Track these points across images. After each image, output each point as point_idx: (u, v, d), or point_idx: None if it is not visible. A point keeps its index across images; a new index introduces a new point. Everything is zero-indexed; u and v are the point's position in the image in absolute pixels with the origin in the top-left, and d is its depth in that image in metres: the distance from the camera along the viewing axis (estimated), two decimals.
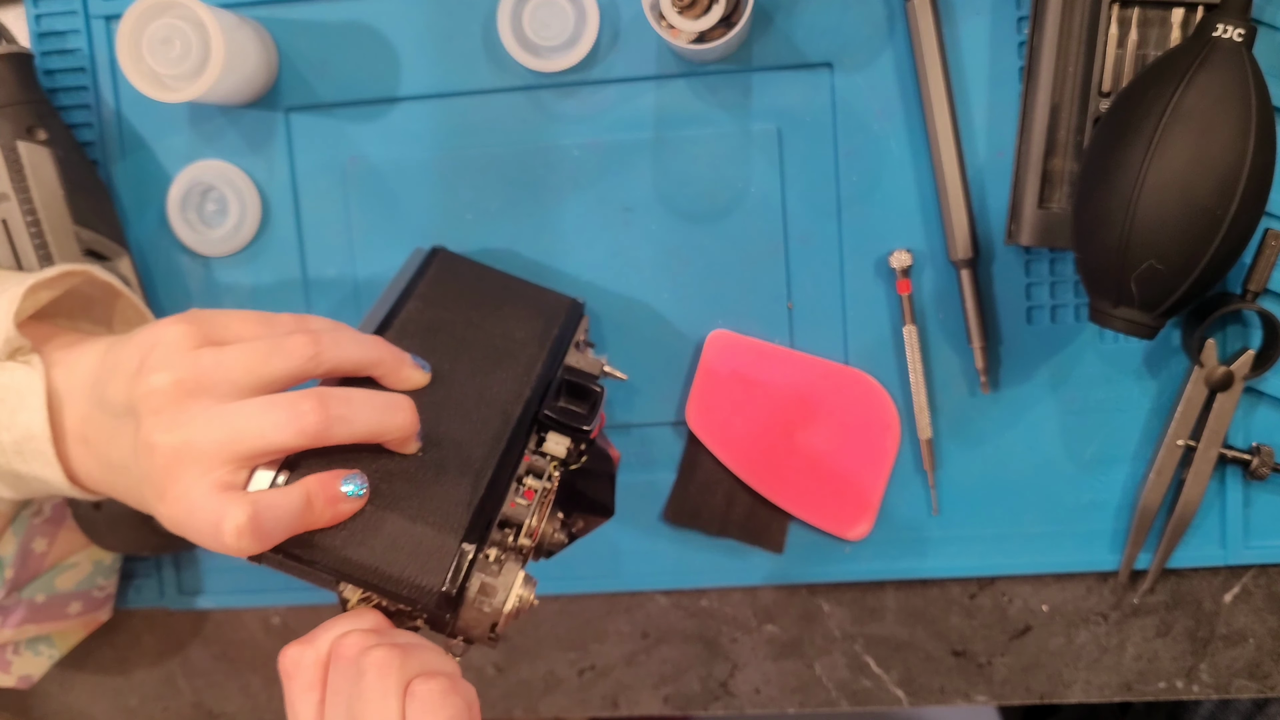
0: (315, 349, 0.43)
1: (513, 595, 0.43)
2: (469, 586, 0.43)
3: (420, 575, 0.42)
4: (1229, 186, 0.48)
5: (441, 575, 0.42)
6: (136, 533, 0.60)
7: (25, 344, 0.47)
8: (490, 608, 0.43)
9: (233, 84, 0.57)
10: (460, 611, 0.43)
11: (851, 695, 0.65)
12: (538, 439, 0.49)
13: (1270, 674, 0.62)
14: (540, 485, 0.47)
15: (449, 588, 0.42)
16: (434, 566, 0.42)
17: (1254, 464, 0.59)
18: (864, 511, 0.62)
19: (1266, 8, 0.56)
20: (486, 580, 0.43)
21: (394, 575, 0.42)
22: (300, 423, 0.41)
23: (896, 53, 0.59)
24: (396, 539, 0.43)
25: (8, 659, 0.62)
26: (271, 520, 0.41)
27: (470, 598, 0.43)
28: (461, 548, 0.43)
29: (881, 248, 0.60)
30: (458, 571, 0.42)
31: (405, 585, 0.42)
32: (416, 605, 0.42)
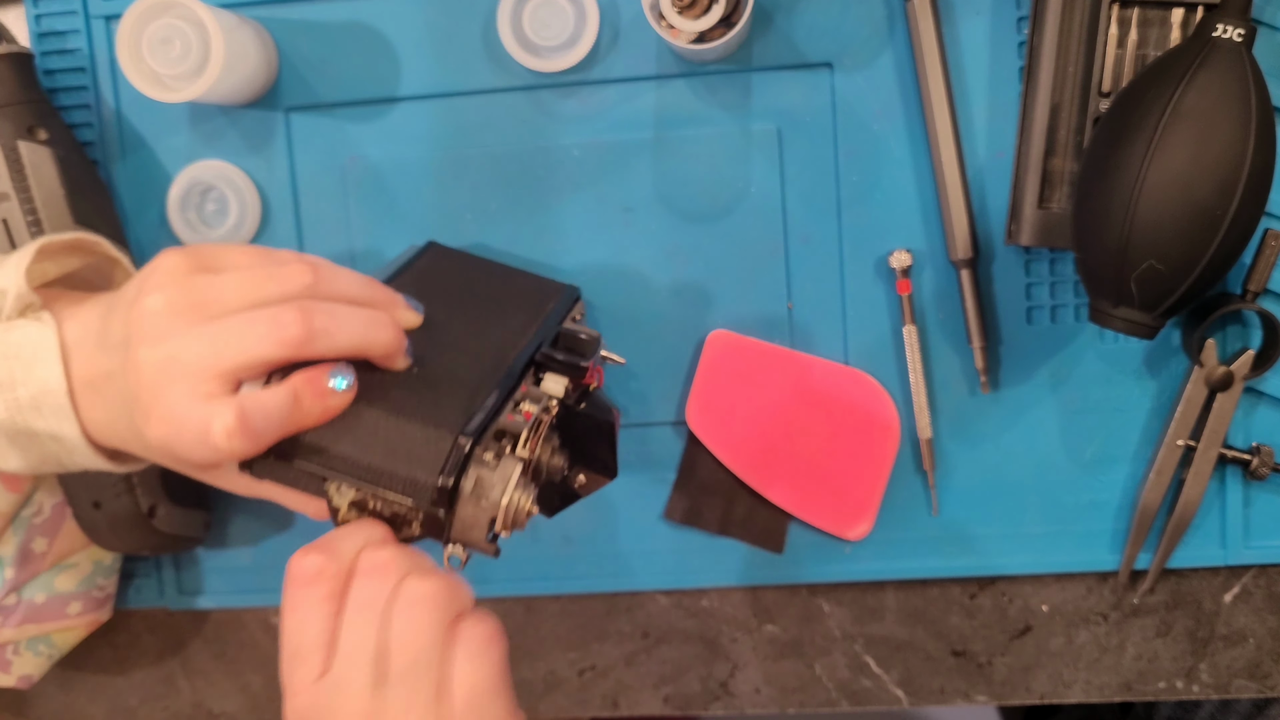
0: (312, 278, 0.43)
1: (510, 489, 0.42)
2: (465, 481, 0.42)
3: (416, 469, 0.42)
4: (1229, 186, 0.48)
5: (437, 467, 0.41)
6: (136, 533, 0.60)
7: (36, 301, 0.47)
8: (487, 502, 0.42)
9: (233, 84, 0.57)
10: (457, 508, 0.42)
11: (851, 695, 0.65)
12: (535, 380, 0.49)
13: (1270, 674, 0.62)
14: (538, 409, 0.46)
15: (444, 480, 0.41)
16: (430, 460, 0.42)
17: (1254, 464, 0.59)
18: (864, 511, 0.62)
19: (1266, 8, 0.56)
20: (483, 474, 0.42)
21: (390, 470, 0.42)
22: (283, 334, 0.41)
23: (896, 53, 0.59)
24: (392, 437, 0.42)
25: (8, 659, 0.62)
26: (260, 419, 0.41)
27: (466, 492, 0.42)
28: (457, 441, 0.42)
29: (881, 248, 0.60)
30: (453, 463, 0.42)
31: (401, 480, 0.42)
32: (410, 504, 0.42)
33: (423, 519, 0.43)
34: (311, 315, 0.42)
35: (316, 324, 0.42)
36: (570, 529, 0.64)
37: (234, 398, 0.41)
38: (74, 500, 0.60)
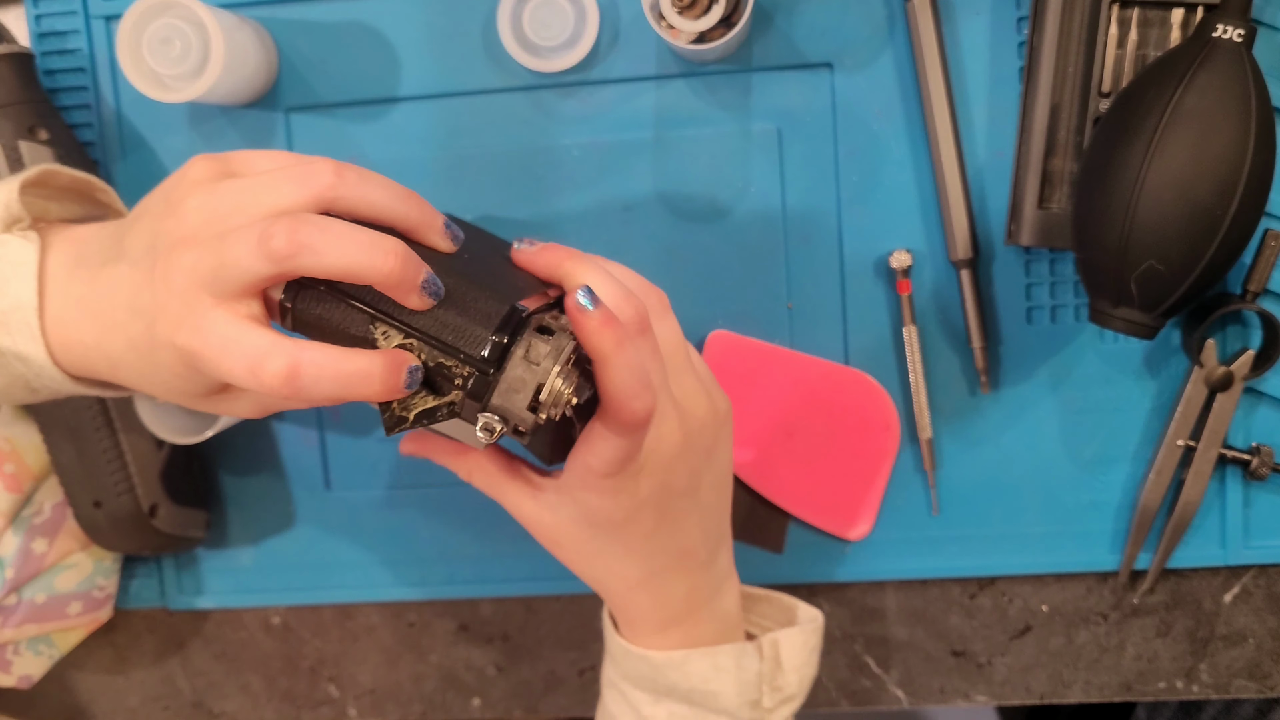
0: (332, 178, 0.41)
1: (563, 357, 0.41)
2: (518, 346, 0.41)
3: (473, 323, 0.41)
4: (1229, 186, 0.48)
5: (493, 324, 0.41)
6: (137, 532, 0.60)
7: (25, 218, 0.46)
8: (540, 367, 0.41)
9: (233, 84, 0.57)
10: (507, 368, 0.41)
11: (851, 695, 0.65)
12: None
13: (1270, 674, 0.62)
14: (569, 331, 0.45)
15: (501, 335, 0.40)
16: (488, 318, 0.41)
17: (1254, 464, 0.59)
18: (864, 511, 0.62)
19: (1266, 8, 0.56)
20: (535, 340, 0.41)
21: (447, 320, 0.41)
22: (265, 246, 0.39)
23: (896, 53, 0.59)
24: (452, 291, 0.41)
25: (8, 659, 0.62)
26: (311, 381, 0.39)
27: (518, 355, 0.41)
28: (516, 306, 0.41)
29: (881, 248, 0.60)
30: (508, 322, 0.41)
31: (457, 330, 0.41)
32: (461, 356, 0.41)
33: (467, 377, 0.41)
34: (297, 229, 0.39)
35: (301, 238, 0.39)
36: None
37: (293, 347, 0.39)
38: (74, 500, 0.60)
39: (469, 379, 0.41)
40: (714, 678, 0.51)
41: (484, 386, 0.41)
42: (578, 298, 0.42)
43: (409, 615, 0.67)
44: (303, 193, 0.41)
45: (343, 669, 0.67)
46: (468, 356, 0.41)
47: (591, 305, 0.42)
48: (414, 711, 0.67)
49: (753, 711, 0.52)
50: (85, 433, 0.59)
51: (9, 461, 0.59)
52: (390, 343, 0.41)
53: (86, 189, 0.51)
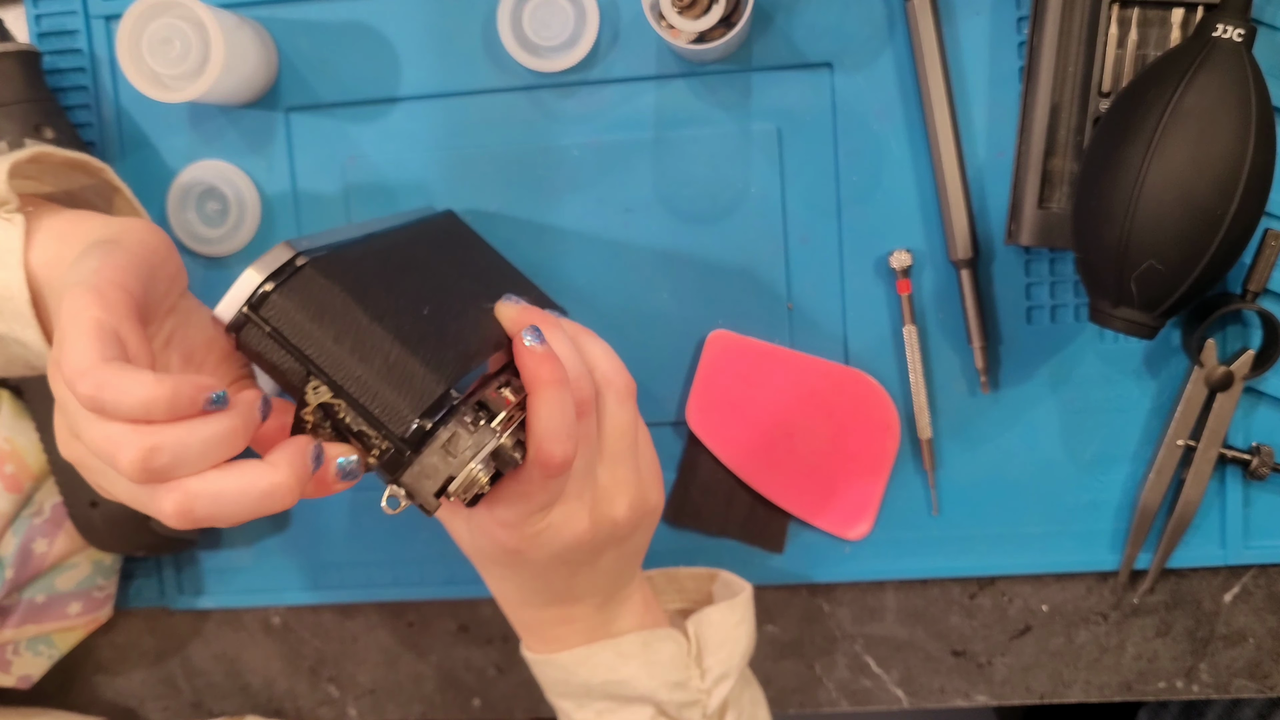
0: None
1: (480, 455, 0.42)
2: (442, 430, 0.41)
3: (403, 399, 0.41)
4: (1229, 186, 0.48)
5: (423, 406, 0.41)
6: (133, 533, 0.60)
7: (12, 200, 0.46)
8: (455, 459, 0.41)
9: (233, 84, 0.57)
10: (424, 453, 0.41)
11: (851, 695, 0.65)
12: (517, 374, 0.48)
13: (1270, 674, 0.62)
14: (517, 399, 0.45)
15: (424, 421, 0.40)
16: (419, 396, 0.41)
17: (1254, 464, 0.59)
18: (864, 511, 0.62)
19: (1266, 8, 0.56)
20: (460, 432, 0.42)
21: (378, 390, 0.41)
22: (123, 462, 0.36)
23: (896, 53, 0.59)
24: (392, 360, 0.41)
25: (8, 659, 0.62)
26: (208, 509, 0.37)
27: (439, 442, 0.41)
28: (450, 391, 0.41)
29: (881, 248, 0.60)
30: (438, 407, 0.41)
31: (385, 404, 0.41)
32: (382, 432, 0.41)
33: (384, 451, 0.41)
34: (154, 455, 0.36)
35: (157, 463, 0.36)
36: None
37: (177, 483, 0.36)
38: (70, 500, 0.60)
39: (385, 452, 0.41)
40: (620, 665, 0.51)
41: (398, 463, 0.41)
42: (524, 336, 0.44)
43: (409, 615, 0.67)
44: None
45: (343, 669, 0.67)
46: (389, 433, 0.41)
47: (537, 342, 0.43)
48: (414, 711, 0.67)
49: (680, 693, 0.52)
50: None
51: (9, 461, 0.59)
52: (319, 397, 0.41)
53: (79, 164, 0.51)
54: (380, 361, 0.41)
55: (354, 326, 0.41)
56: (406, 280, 0.46)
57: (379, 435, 0.41)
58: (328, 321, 0.41)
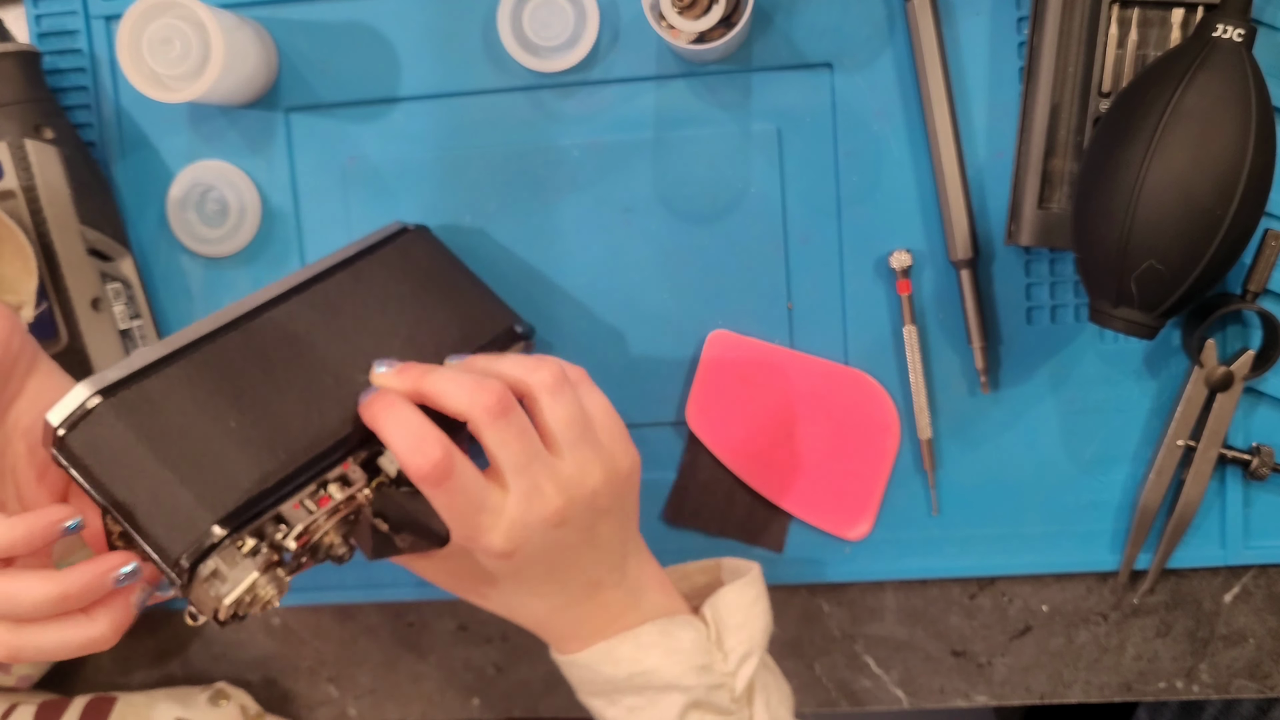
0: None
1: (238, 591, 0.44)
2: (203, 567, 0.43)
3: (166, 536, 0.43)
4: (1229, 186, 0.48)
5: (183, 547, 0.43)
6: None
7: None
8: (215, 593, 0.44)
9: (233, 84, 0.57)
10: (192, 586, 0.44)
11: (851, 695, 0.65)
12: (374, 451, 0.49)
13: (1270, 674, 0.62)
14: (340, 496, 0.47)
15: (185, 561, 0.43)
16: (181, 534, 0.43)
17: (1254, 464, 0.59)
18: (864, 511, 0.62)
19: (1266, 8, 0.56)
20: (221, 567, 0.44)
21: (143, 524, 0.43)
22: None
23: (896, 53, 0.59)
24: (160, 493, 0.43)
25: None
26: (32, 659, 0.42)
27: (202, 577, 0.43)
28: (212, 529, 0.43)
29: (881, 248, 0.60)
30: (196, 549, 0.43)
31: (150, 538, 0.43)
32: (159, 565, 0.43)
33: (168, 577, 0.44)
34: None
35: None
36: None
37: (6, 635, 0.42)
38: None
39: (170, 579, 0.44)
40: (643, 656, 0.51)
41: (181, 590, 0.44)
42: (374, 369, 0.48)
43: (409, 615, 0.67)
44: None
45: (343, 669, 0.67)
46: (163, 569, 0.43)
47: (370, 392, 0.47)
48: (414, 711, 0.67)
49: (706, 677, 0.52)
50: None
51: None
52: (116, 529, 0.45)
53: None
54: (155, 502, 0.44)
55: (137, 464, 0.44)
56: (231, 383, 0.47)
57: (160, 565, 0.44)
58: (112, 465, 0.44)
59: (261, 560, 0.45)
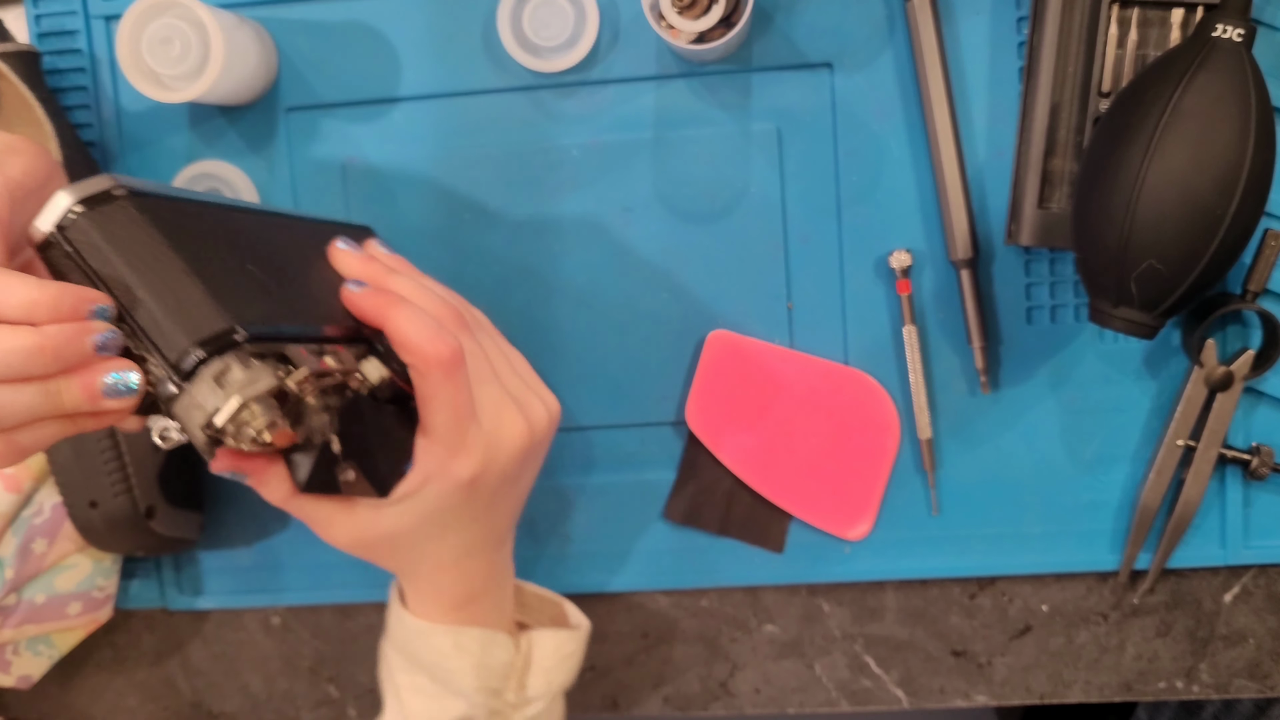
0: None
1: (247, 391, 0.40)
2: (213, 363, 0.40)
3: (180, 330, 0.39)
4: (1229, 186, 0.48)
5: (198, 336, 0.39)
6: (133, 534, 0.60)
7: None
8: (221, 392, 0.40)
9: (233, 84, 0.57)
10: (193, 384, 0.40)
11: (851, 695, 0.65)
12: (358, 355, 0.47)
13: (1270, 674, 0.62)
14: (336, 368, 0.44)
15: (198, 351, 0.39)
16: (196, 329, 0.39)
17: (1254, 464, 0.59)
18: (864, 511, 0.62)
19: (1266, 8, 0.56)
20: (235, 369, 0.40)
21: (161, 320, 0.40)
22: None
23: (896, 53, 0.59)
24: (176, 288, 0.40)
25: (8, 659, 0.62)
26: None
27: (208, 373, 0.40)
28: (234, 328, 0.40)
29: (881, 248, 0.60)
30: (215, 340, 0.39)
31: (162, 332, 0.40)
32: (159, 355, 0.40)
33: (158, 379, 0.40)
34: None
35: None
36: (570, 529, 0.64)
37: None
38: (70, 500, 0.60)
39: (158, 382, 0.40)
40: (453, 656, 0.51)
41: (169, 394, 0.40)
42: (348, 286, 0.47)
43: None
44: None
45: (343, 669, 0.67)
46: (163, 358, 0.40)
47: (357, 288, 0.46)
48: None
49: (493, 700, 0.52)
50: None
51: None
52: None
53: None
54: (171, 294, 0.40)
55: (154, 259, 0.40)
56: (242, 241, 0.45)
57: (155, 362, 0.40)
58: (128, 251, 0.40)
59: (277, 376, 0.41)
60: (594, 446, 0.63)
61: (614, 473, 0.63)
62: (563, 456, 0.63)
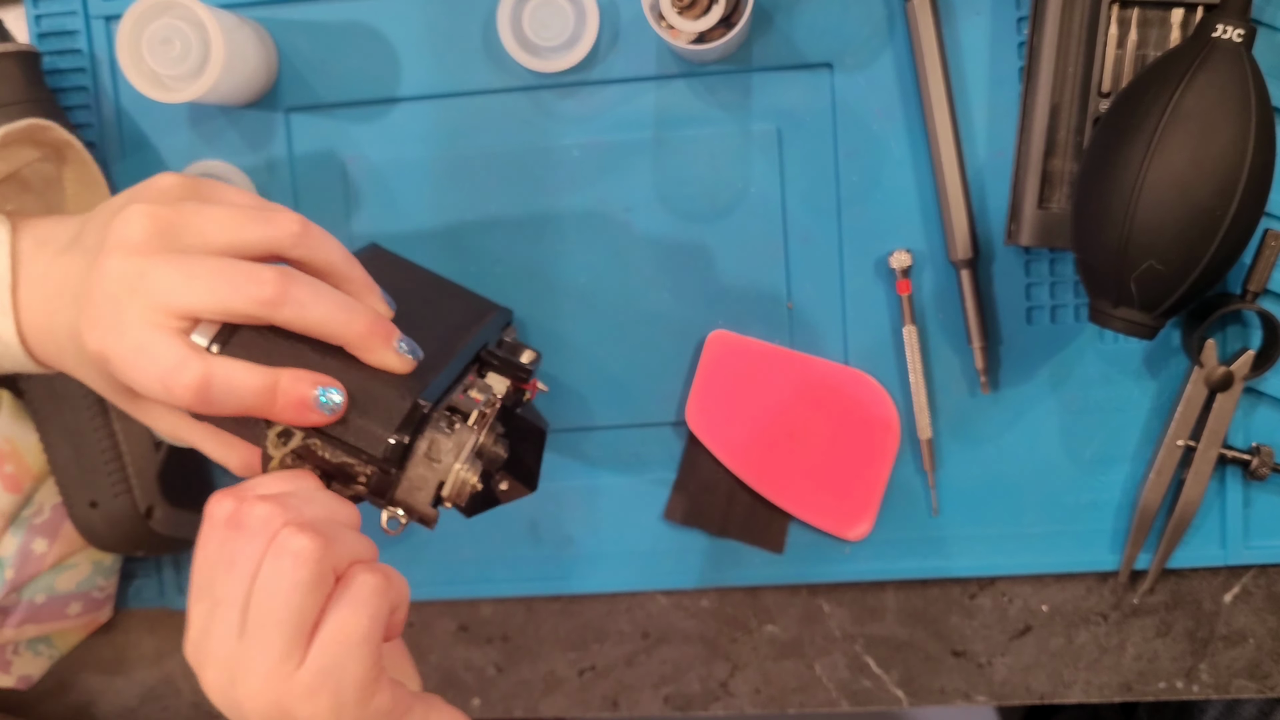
0: (302, 229, 0.42)
1: (464, 454, 0.42)
2: (420, 442, 0.42)
3: (374, 422, 0.41)
4: (1229, 186, 0.48)
5: (394, 424, 0.41)
6: (132, 534, 0.60)
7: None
8: (440, 465, 0.42)
9: (233, 84, 0.57)
10: (408, 467, 0.42)
11: (851, 695, 0.65)
12: (479, 374, 0.49)
13: (1270, 674, 0.62)
14: (484, 398, 0.46)
15: (400, 436, 0.41)
16: (389, 416, 0.41)
17: (1254, 464, 0.59)
18: (864, 511, 0.62)
19: (1266, 8, 0.56)
20: (439, 438, 0.42)
21: (349, 420, 0.41)
22: (257, 291, 0.40)
23: (896, 53, 0.59)
24: (354, 386, 0.42)
25: (8, 659, 0.62)
26: (223, 393, 0.40)
27: (420, 453, 0.42)
28: (418, 402, 0.42)
29: (881, 248, 0.60)
30: (410, 422, 0.42)
31: (357, 430, 0.41)
32: (362, 457, 0.41)
33: (370, 475, 0.42)
34: (290, 283, 0.41)
35: (293, 292, 0.41)
36: (570, 529, 0.64)
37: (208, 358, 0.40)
38: (70, 500, 0.60)
39: (371, 477, 0.42)
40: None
41: (387, 484, 0.42)
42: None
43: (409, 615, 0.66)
44: (268, 236, 0.42)
45: None
46: (370, 457, 0.42)
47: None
48: None
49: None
50: (83, 432, 0.59)
51: (9, 461, 0.59)
52: (282, 448, 0.42)
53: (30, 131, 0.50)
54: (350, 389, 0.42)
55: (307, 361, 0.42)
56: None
57: (360, 462, 0.42)
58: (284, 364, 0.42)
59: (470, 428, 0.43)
60: (594, 447, 0.63)
61: (614, 473, 0.63)
62: (563, 457, 0.63)
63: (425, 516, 0.43)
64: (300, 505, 0.40)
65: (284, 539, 0.39)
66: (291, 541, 0.38)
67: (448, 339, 0.49)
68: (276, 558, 0.39)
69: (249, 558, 0.39)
